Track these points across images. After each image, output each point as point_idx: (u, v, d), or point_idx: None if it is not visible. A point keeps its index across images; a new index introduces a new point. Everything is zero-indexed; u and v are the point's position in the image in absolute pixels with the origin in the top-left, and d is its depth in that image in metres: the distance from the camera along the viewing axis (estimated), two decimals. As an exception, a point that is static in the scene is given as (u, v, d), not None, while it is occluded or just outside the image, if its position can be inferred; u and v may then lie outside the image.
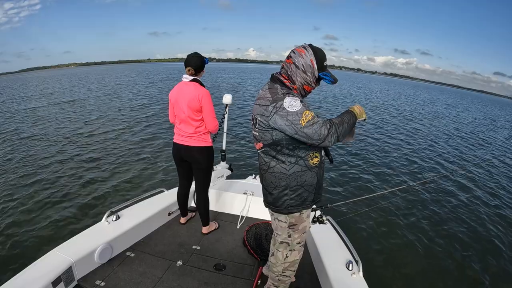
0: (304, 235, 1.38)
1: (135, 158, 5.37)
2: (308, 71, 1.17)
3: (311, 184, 1.26)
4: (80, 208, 3.52)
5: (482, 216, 3.98)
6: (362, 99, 19.23)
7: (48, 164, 5.00)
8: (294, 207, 1.28)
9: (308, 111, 1.11)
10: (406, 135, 8.77)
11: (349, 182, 4.68)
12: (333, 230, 1.98)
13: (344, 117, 1.18)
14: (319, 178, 1.29)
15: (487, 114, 21.78)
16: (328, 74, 1.20)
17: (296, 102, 1.11)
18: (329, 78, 1.20)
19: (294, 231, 1.34)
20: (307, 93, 1.26)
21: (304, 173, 1.23)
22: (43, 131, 7.38)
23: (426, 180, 3.65)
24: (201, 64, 1.89)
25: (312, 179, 1.26)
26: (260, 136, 1.23)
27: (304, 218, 1.33)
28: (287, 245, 1.37)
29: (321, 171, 1.30)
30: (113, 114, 9.41)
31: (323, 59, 1.19)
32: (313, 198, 1.30)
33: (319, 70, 1.18)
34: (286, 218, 1.31)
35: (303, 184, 1.24)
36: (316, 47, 1.19)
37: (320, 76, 1.20)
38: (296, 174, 1.22)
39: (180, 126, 1.96)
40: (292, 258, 1.40)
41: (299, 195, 1.26)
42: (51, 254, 1.57)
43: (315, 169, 1.25)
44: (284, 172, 1.23)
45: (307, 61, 1.16)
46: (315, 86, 1.24)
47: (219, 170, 2.73)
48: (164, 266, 1.81)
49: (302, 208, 1.29)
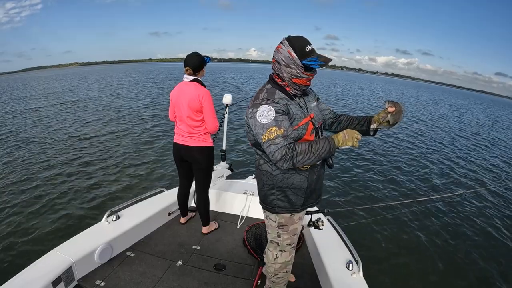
0: (295, 237, 1.35)
1: (135, 158, 5.38)
2: (290, 64, 1.11)
3: (300, 188, 1.22)
4: (80, 208, 3.52)
5: (488, 224, 3.97)
6: (365, 99, 19.19)
7: (48, 164, 5.00)
8: (282, 208, 1.25)
9: (275, 128, 1.05)
10: (417, 137, 8.62)
11: (351, 187, 4.61)
12: (333, 230, 1.98)
13: (315, 146, 1.06)
14: (310, 182, 1.23)
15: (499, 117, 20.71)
16: (314, 58, 1.10)
17: (269, 113, 1.07)
18: (315, 62, 1.10)
19: (283, 231, 1.31)
20: (303, 86, 1.17)
21: (292, 175, 1.19)
22: (43, 131, 7.38)
23: (432, 197, 3.61)
24: (199, 64, 1.88)
25: (301, 183, 1.21)
26: (247, 135, 1.25)
27: (295, 220, 1.30)
28: (276, 245, 1.36)
29: (314, 175, 1.23)
30: (113, 114, 9.42)
31: (303, 46, 1.10)
32: (303, 202, 1.26)
33: (301, 58, 1.09)
34: (276, 217, 1.29)
35: (290, 186, 1.21)
36: (293, 37, 1.12)
37: (304, 64, 1.10)
38: (282, 175, 1.19)
39: (180, 126, 1.96)
40: (283, 259, 1.37)
41: (286, 196, 1.23)
42: (51, 254, 1.58)
43: (305, 173, 1.20)
44: (270, 171, 1.21)
45: (285, 54, 1.11)
46: (308, 76, 1.14)
47: (219, 170, 2.73)
48: (164, 266, 1.81)
49: (291, 210, 1.26)
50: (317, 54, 1.11)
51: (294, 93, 1.18)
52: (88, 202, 3.68)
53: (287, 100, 1.15)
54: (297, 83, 1.15)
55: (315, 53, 1.11)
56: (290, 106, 1.14)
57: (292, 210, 1.26)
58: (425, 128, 10.35)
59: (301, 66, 1.11)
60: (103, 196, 3.84)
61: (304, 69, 1.12)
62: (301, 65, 1.10)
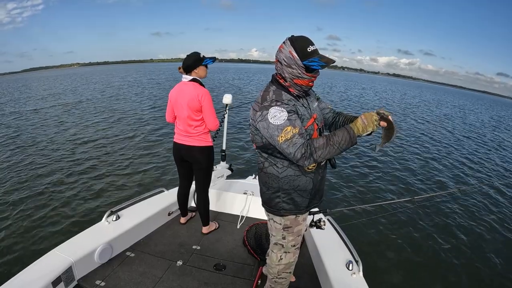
0: (299, 238, 1.34)
1: (135, 158, 5.38)
2: (292, 64, 1.09)
3: (305, 189, 1.21)
4: (80, 208, 3.52)
5: (488, 222, 3.96)
6: (371, 100, 19.16)
7: (48, 164, 5.01)
8: (287, 210, 1.24)
9: (291, 127, 1.04)
10: (427, 139, 8.54)
11: (351, 186, 4.61)
12: (333, 230, 1.98)
13: (334, 138, 1.03)
14: (315, 183, 1.22)
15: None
16: (315, 59, 1.07)
17: (281, 114, 1.05)
18: (317, 63, 1.07)
19: (288, 233, 1.30)
20: (304, 87, 1.14)
21: (298, 177, 1.18)
22: (43, 132, 7.39)
23: (433, 194, 3.60)
24: (192, 63, 1.85)
25: (307, 184, 1.20)
26: (253, 137, 1.22)
27: (299, 221, 1.30)
28: (281, 247, 1.35)
29: (319, 176, 1.23)
30: (112, 115, 9.42)
31: (305, 46, 1.07)
32: (307, 203, 1.25)
33: (303, 58, 1.07)
34: (281, 220, 1.28)
35: (296, 188, 1.20)
36: (296, 36, 1.10)
37: (306, 64, 1.07)
38: (288, 177, 1.18)
39: (180, 126, 1.95)
40: (287, 260, 1.36)
41: (291, 199, 1.22)
42: (51, 254, 1.58)
43: (311, 174, 1.19)
44: (276, 174, 1.20)
45: (287, 54, 1.09)
46: (310, 77, 1.11)
47: (219, 170, 2.73)
48: (164, 266, 1.81)
49: (296, 212, 1.25)
50: (320, 55, 1.08)
51: (297, 93, 1.16)
52: (88, 202, 3.69)
53: (295, 101, 1.14)
54: (299, 84, 1.13)
55: (317, 53, 1.08)
56: (298, 106, 1.13)
57: (297, 212, 1.25)
58: (424, 128, 10.34)
59: (302, 67, 1.08)
60: (103, 196, 3.84)
61: (305, 69, 1.09)
62: (302, 66, 1.08)
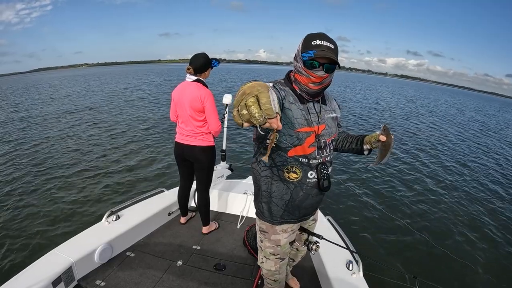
0: (279, 248, 1.23)
1: (135, 158, 5.37)
2: (297, 57, 1.00)
3: (281, 198, 1.11)
4: (80, 208, 3.52)
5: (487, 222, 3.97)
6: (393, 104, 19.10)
7: (48, 164, 5.00)
8: (262, 214, 1.18)
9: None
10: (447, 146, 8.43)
11: (351, 186, 4.61)
12: (333, 230, 1.98)
13: None
14: (294, 197, 1.10)
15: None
16: (311, 51, 0.93)
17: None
18: (307, 56, 0.94)
19: (265, 238, 1.23)
20: (304, 86, 1.01)
21: (276, 182, 1.09)
22: (43, 132, 7.39)
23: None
24: (203, 65, 1.85)
25: (283, 193, 1.10)
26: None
27: (277, 231, 1.19)
28: (261, 250, 1.29)
29: (301, 191, 1.09)
30: (112, 114, 9.41)
31: (312, 39, 0.94)
32: (281, 215, 1.14)
33: (303, 50, 0.95)
34: (259, 221, 1.23)
35: (271, 192, 1.12)
36: (314, 33, 0.98)
37: (303, 56, 0.95)
38: (267, 178, 1.11)
39: (182, 126, 1.95)
40: (268, 266, 1.29)
41: (267, 203, 1.14)
42: (51, 254, 1.58)
43: (291, 185, 1.08)
44: (258, 171, 1.14)
45: (297, 49, 1.00)
46: (308, 75, 0.97)
47: (219, 170, 2.73)
48: (164, 266, 1.81)
49: (269, 220, 1.17)
50: (320, 50, 0.92)
51: (299, 93, 1.04)
52: (88, 202, 3.68)
53: (294, 100, 1.03)
54: (298, 81, 1.02)
55: (320, 48, 0.92)
56: (291, 104, 1.01)
57: (270, 220, 1.17)
58: (425, 128, 10.34)
59: (301, 60, 0.97)
60: (103, 196, 3.83)
61: (303, 64, 0.96)
62: (301, 58, 0.97)
